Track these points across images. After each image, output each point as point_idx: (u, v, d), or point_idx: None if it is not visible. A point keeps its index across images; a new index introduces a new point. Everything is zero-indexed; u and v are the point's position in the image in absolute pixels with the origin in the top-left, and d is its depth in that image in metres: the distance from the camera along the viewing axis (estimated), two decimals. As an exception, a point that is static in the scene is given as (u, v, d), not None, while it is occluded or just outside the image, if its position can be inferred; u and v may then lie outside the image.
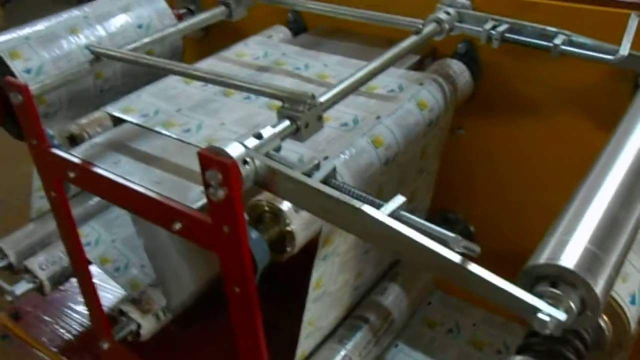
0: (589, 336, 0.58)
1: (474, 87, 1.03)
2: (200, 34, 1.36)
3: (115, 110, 0.90)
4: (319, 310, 0.90)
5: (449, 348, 1.09)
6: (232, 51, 1.07)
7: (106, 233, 1.29)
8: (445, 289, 1.20)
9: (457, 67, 1.00)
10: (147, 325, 1.08)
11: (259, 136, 0.64)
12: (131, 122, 0.87)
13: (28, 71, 0.95)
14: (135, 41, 0.96)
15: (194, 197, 0.71)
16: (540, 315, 0.48)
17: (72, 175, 0.80)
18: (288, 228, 0.69)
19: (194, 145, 0.81)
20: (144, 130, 0.86)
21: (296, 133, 0.68)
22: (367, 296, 1.07)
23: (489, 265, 0.51)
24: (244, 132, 0.82)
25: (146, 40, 0.94)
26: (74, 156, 0.80)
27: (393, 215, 0.54)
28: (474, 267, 0.51)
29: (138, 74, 1.17)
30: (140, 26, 1.18)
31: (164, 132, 0.85)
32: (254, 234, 0.66)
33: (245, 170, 0.61)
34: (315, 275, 0.82)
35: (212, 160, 0.60)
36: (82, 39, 1.03)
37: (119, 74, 1.14)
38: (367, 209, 0.55)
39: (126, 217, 1.36)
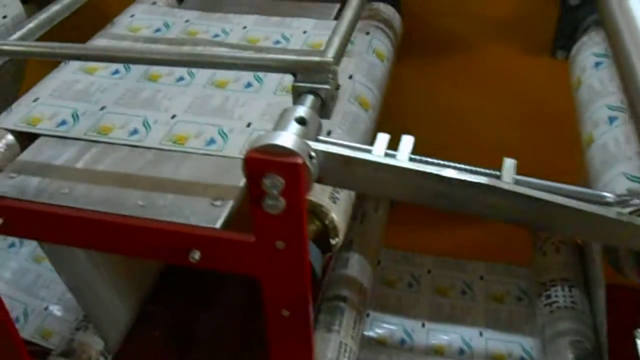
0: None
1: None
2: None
3: (13, 124, 0.68)
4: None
5: (417, 302, 1.06)
6: (119, 27, 0.87)
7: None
8: (386, 244, 1.15)
9: (387, 10, 0.92)
10: (92, 378, 0.88)
11: (302, 121, 0.50)
12: (55, 136, 0.66)
13: None
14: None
15: (207, 213, 0.56)
16: None
17: (-2, 222, 0.58)
18: (330, 223, 0.58)
19: (160, 149, 0.64)
20: (74, 143, 0.66)
21: (322, 109, 0.56)
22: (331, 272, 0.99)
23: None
24: (209, 122, 0.67)
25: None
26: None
27: (518, 182, 0.47)
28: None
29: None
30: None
31: (105, 140, 0.65)
32: (306, 242, 0.54)
33: (313, 167, 0.48)
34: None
35: (273, 163, 0.46)
36: None
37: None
38: (491, 181, 0.46)
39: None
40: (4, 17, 0.96)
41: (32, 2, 1.01)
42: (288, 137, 0.47)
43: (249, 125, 0.67)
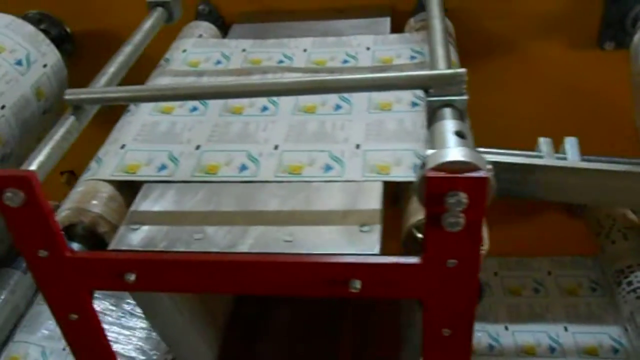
0: None
1: (452, 36, 0.96)
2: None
3: (110, 174, 0.65)
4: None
5: (493, 305, 1.05)
6: (176, 63, 0.85)
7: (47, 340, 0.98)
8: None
9: (441, 18, 0.92)
10: None
11: (461, 134, 0.49)
12: (159, 181, 0.63)
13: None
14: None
15: (360, 241, 0.54)
16: None
17: (131, 278, 0.55)
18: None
19: (278, 181, 0.62)
20: (182, 186, 0.63)
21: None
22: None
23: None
24: (316, 148, 0.66)
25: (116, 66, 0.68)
26: (130, 251, 0.55)
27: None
28: None
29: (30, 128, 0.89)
30: (19, 62, 0.88)
31: (216, 180, 0.63)
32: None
33: (493, 179, 0.47)
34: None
35: (459, 180, 0.45)
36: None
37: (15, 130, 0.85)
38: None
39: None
40: (44, 65, 0.93)
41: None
42: (464, 152, 0.46)
43: (358, 147, 0.65)
